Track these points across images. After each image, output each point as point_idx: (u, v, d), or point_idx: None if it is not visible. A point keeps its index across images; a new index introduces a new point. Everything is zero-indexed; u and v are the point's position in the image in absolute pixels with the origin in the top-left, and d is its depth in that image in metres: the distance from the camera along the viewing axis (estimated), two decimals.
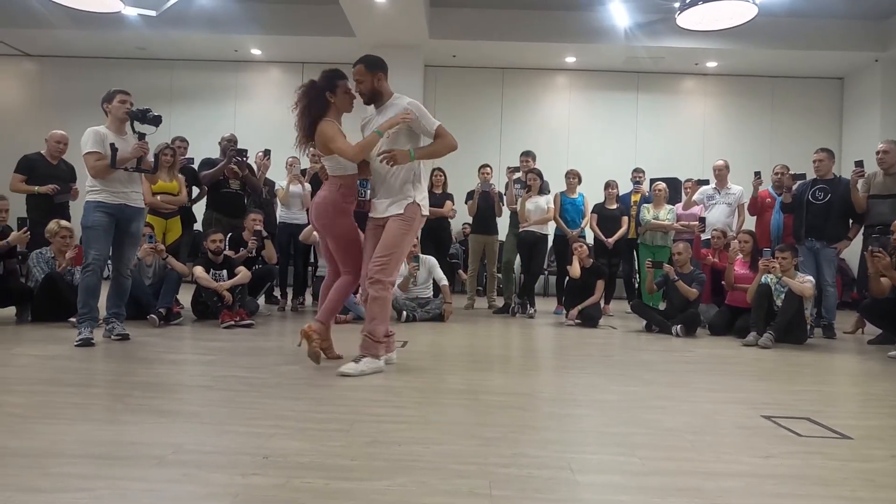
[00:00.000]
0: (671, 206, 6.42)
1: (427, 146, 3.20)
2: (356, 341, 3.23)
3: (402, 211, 3.16)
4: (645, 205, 6.52)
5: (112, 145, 3.75)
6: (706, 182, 6.35)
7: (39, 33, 9.02)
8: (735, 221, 6.06)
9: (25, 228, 4.71)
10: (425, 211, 3.27)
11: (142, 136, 3.86)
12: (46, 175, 5.13)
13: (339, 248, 3.31)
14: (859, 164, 5.20)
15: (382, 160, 3.06)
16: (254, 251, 5.36)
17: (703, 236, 5.97)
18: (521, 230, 6.28)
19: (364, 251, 3.29)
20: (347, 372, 3.00)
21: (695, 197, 6.29)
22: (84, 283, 3.81)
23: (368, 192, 3.30)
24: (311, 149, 3.38)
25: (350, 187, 3.25)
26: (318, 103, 3.21)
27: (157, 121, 3.85)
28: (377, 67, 3.21)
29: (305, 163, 6.46)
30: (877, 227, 5.02)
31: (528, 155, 6.78)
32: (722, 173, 6.13)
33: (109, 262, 4.04)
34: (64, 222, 4.84)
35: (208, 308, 4.96)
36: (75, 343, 3.60)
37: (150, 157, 4.10)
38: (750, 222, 6.18)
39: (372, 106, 3.29)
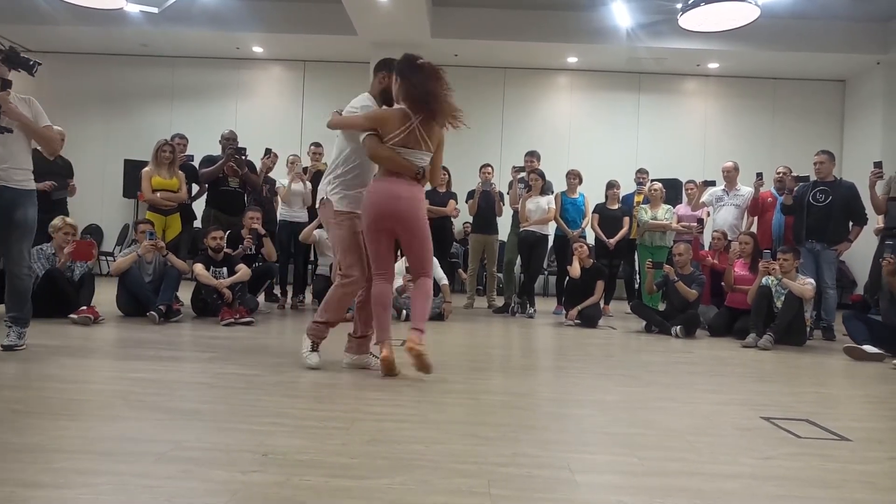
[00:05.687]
0: (668, 206, 6.42)
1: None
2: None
3: None
4: (642, 206, 6.53)
5: None
6: (712, 182, 6.35)
7: (41, 29, 9.00)
8: (744, 223, 6.05)
9: None
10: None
11: (6, 85, 2.98)
12: (43, 171, 5.12)
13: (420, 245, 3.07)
14: (878, 164, 5.18)
15: None
16: (251, 249, 5.37)
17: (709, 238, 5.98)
18: (521, 230, 6.29)
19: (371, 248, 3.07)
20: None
21: (703, 198, 6.29)
22: None
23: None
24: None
25: None
26: None
27: (31, 67, 3.05)
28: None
29: (306, 161, 6.47)
30: (894, 231, 5.03)
31: (532, 155, 6.77)
32: (731, 175, 6.14)
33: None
34: (68, 219, 4.85)
35: (208, 305, 4.96)
36: None
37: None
38: None
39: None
